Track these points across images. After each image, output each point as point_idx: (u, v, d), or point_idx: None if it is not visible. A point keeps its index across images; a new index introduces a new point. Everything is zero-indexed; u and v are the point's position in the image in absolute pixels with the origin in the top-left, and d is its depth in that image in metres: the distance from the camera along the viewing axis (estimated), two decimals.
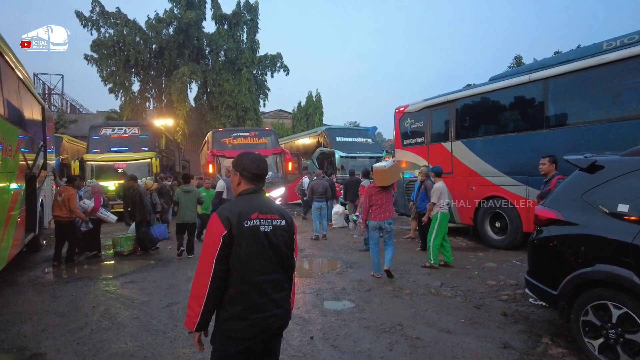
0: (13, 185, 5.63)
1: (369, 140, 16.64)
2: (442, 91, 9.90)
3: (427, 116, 9.59)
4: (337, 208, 11.44)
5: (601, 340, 3.05)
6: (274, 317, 1.90)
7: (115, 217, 8.22)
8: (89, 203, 7.62)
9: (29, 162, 6.64)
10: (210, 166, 12.98)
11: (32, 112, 7.51)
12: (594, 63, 6.27)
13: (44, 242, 8.87)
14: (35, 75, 29.36)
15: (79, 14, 24.20)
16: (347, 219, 11.02)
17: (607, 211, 3.17)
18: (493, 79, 8.36)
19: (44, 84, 31.78)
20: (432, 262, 6.41)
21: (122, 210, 10.04)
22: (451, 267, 6.46)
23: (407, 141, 10.26)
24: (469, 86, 9.87)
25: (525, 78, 7.36)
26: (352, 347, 3.60)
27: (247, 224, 1.86)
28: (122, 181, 11.77)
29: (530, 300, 4.62)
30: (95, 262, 7.59)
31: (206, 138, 16.61)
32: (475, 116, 8.68)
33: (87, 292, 5.55)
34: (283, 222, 1.99)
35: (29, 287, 5.78)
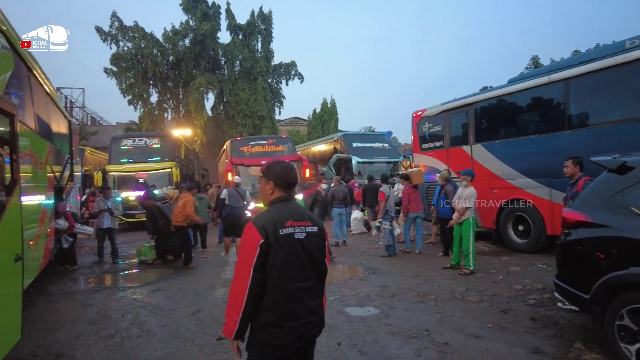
0: (43, 197, 5.80)
1: (386, 145, 16.60)
2: (453, 94, 9.89)
3: (446, 120, 9.53)
4: (356, 214, 11.41)
5: (638, 345, 2.97)
6: (309, 325, 1.91)
7: (91, 230, 8.15)
8: (63, 224, 7.17)
9: (56, 174, 6.84)
10: (230, 174, 13.13)
11: (59, 126, 7.75)
12: (617, 61, 6.16)
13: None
14: (57, 89, 30.27)
15: (98, 29, 24.94)
16: (367, 224, 10.98)
17: None
18: (511, 81, 8.27)
19: (66, 97, 32.77)
20: (471, 268, 6.26)
21: (145, 220, 10.25)
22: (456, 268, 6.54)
23: (426, 145, 10.20)
24: (485, 89, 9.78)
25: (545, 79, 7.26)
26: (380, 353, 3.59)
27: (282, 232, 1.87)
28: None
29: (559, 304, 4.55)
30: (120, 271, 7.77)
31: (224, 147, 16.81)
32: (495, 119, 8.59)
33: (115, 300, 5.67)
34: (315, 229, 2.01)
35: (60, 296, 5.94)
